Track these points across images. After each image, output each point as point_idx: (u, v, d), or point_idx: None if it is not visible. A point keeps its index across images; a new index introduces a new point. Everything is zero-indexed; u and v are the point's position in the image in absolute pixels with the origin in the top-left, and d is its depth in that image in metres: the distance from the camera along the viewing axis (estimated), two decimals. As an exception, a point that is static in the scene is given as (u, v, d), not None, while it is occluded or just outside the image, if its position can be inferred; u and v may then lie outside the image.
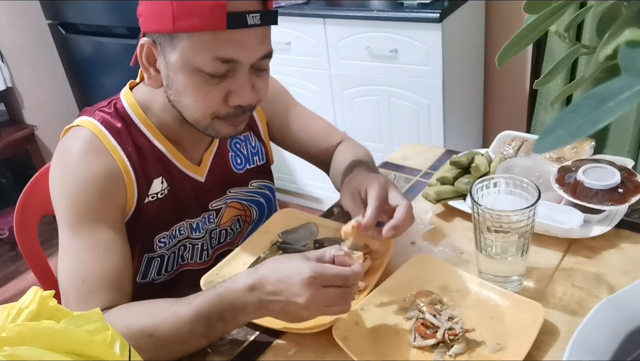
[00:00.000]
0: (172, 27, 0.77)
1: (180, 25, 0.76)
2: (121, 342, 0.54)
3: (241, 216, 1.07)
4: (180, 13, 0.76)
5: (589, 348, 0.62)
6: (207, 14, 0.75)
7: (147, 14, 0.81)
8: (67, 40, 2.72)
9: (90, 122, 0.88)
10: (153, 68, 0.85)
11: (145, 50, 0.84)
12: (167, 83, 0.84)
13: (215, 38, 0.77)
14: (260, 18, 0.78)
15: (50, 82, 2.86)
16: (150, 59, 0.84)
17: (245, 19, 0.77)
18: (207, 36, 0.77)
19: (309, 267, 0.71)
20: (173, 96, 0.85)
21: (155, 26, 0.80)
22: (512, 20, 2.22)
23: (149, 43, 0.83)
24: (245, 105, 0.84)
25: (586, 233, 0.90)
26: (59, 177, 0.86)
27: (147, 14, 0.81)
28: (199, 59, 0.78)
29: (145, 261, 0.95)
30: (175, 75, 0.82)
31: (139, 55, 0.84)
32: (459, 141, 2.23)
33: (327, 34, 2.12)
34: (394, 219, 0.83)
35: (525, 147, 1.10)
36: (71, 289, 0.83)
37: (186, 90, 0.82)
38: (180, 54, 0.79)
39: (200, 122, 0.86)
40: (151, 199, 0.92)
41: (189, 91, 0.82)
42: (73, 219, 0.84)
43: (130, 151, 0.89)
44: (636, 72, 0.32)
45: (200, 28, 0.76)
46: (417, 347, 0.75)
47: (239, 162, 1.05)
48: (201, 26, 0.76)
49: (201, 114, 0.84)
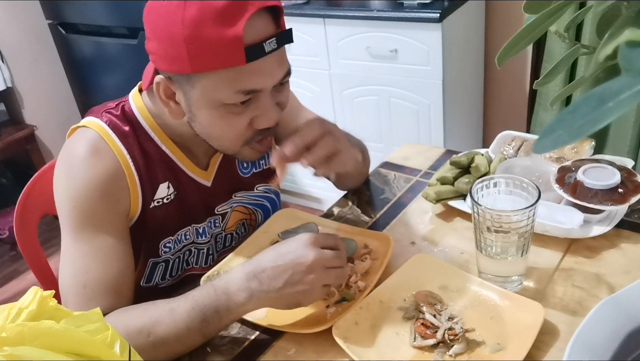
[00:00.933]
0: (190, 69, 0.74)
1: (198, 65, 0.74)
2: (121, 342, 0.54)
3: (247, 220, 1.07)
4: (197, 54, 0.73)
5: (589, 348, 0.62)
6: (224, 51, 0.72)
7: (160, 55, 0.77)
8: (67, 40, 2.72)
9: (97, 123, 0.87)
10: (172, 101, 0.83)
11: (162, 87, 0.81)
12: (190, 116, 0.83)
13: (236, 73, 0.75)
14: (276, 42, 0.77)
15: (50, 82, 2.86)
16: (167, 93, 0.82)
17: (262, 48, 0.75)
18: (228, 72, 0.75)
19: (306, 234, 0.77)
20: (198, 128, 0.84)
21: (171, 67, 0.77)
22: (512, 20, 2.22)
23: (165, 80, 0.80)
24: (272, 126, 0.84)
25: (586, 233, 0.90)
26: (63, 179, 0.86)
27: (160, 55, 0.77)
28: (221, 95, 0.77)
29: (149, 265, 0.95)
30: (199, 110, 0.80)
31: (155, 91, 0.82)
32: (459, 141, 2.23)
33: (327, 34, 2.12)
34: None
35: (525, 147, 1.10)
36: (71, 294, 0.82)
37: (211, 124, 0.82)
38: (202, 91, 0.77)
39: (229, 149, 0.87)
40: (157, 204, 0.91)
41: (215, 124, 0.81)
42: (75, 224, 0.84)
43: (137, 155, 0.88)
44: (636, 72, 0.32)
45: (219, 66, 0.74)
46: (417, 347, 0.75)
47: (245, 167, 1.04)
48: (220, 64, 0.74)
49: (230, 143, 0.85)
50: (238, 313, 0.76)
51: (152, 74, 0.83)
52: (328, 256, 0.75)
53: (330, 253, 0.76)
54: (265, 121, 0.82)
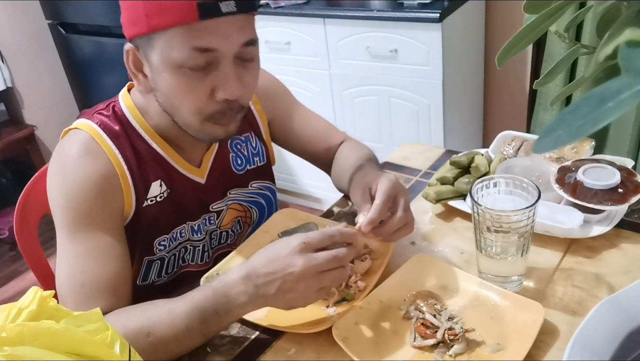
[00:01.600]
0: (147, 27, 0.78)
1: (153, 23, 0.77)
2: (121, 342, 0.54)
3: (242, 218, 1.07)
4: (152, 11, 0.76)
5: (589, 348, 0.62)
6: (178, 7, 0.75)
7: (125, 19, 0.81)
8: (67, 40, 2.72)
9: (88, 125, 0.88)
10: (141, 74, 0.85)
11: (130, 56, 0.84)
12: (154, 86, 0.84)
13: (190, 29, 0.77)
14: (235, 5, 0.77)
15: (50, 82, 2.86)
16: (137, 65, 0.85)
17: (218, 8, 0.76)
18: (182, 29, 0.77)
19: (297, 238, 0.74)
20: (161, 98, 0.85)
21: (133, 30, 0.80)
22: (512, 20, 2.22)
23: (132, 49, 0.83)
24: (232, 99, 0.82)
25: (586, 233, 0.90)
26: (56, 181, 0.86)
27: (125, 20, 0.82)
28: (176, 53, 0.78)
29: (145, 264, 0.95)
30: (159, 75, 0.81)
31: (125, 63, 0.85)
32: (459, 141, 2.23)
33: (327, 34, 2.12)
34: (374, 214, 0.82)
35: (525, 147, 1.10)
36: (69, 294, 0.82)
37: (171, 89, 0.81)
38: (159, 52, 0.79)
39: (191, 124, 0.85)
40: (150, 202, 0.92)
41: (174, 90, 0.81)
42: (70, 224, 0.84)
43: (128, 155, 0.88)
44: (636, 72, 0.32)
45: (173, 23, 0.76)
46: (417, 347, 0.75)
47: (240, 163, 1.04)
48: (174, 21, 0.76)
49: (190, 113, 0.83)
50: (238, 313, 0.76)
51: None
52: (320, 261, 0.72)
53: (323, 256, 0.72)
54: (224, 91, 0.81)
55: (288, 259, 0.72)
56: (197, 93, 0.81)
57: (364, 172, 0.93)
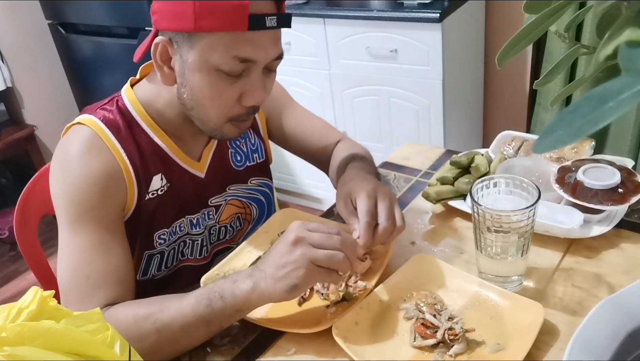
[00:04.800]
0: (193, 26, 0.77)
1: (201, 24, 0.77)
2: (121, 342, 0.54)
3: (241, 214, 1.08)
4: (203, 13, 0.76)
5: (589, 348, 0.62)
6: (229, 14, 0.76)
7: (165, 12, 0.80)
8: (67, 40, 2.72)
9: (91, 120, 0.88)
10: (167, 66, 0.85)
11: (160, 48, 0.83)
12: (182, 81, 0.84)
13: (236, 38, 0.78)
14: (276, 21, 0.80)
15: (50, 82, 2.86)
16: (164, 57, 0.84)
17: (264, 21, 0.79)
18: (227, 36, 0.78)
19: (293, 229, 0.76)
20: (187, 94, 0.85)
21: (173, 25, 0.80)
22: (512, 20, 2.22)
23: (164, 41, 0.82)
24: (257, 105, 0.86)
25: (586, 233, 0.90)
26: (59, 176, 0.86)
27: (164, 12, 0.80)
28: (218, 58, 0.79)
29: (145, 258, 0.96)
30: (192, 74, 0.82)
31: (152, 53, 0.84)
32: (459, 141, 2.23)
33: (327, 34, 2.12)
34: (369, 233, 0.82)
35: (525, 147, 1.10)
36: (74, 287, 0.83)
37: (202, 89, 0.83)
38: (199, 53, 0.80)
39: (212, 121, 0.87)
40: (151, 196, 0.92)
41: (205, 90, 0.83)
42: (73, 218, 0.84)
43: (131, 149, 0.89)
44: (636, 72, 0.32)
45: (222, 28, 0.77)
46: (417, 347, 0.75)
47: (239, 159, 1.05)
48: (223, 26, 0.77)
49: (216, 114, 0.85)
50: (242, 302, 0.76)
51: (147, 44, 0.85)
52: (314, 235, 0.75)
53: (317, 234, 0.75)
54: (253, 97, 0.84)
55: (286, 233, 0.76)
56: (226, 97, 0.84)
57: (344, 179, 0.94)
